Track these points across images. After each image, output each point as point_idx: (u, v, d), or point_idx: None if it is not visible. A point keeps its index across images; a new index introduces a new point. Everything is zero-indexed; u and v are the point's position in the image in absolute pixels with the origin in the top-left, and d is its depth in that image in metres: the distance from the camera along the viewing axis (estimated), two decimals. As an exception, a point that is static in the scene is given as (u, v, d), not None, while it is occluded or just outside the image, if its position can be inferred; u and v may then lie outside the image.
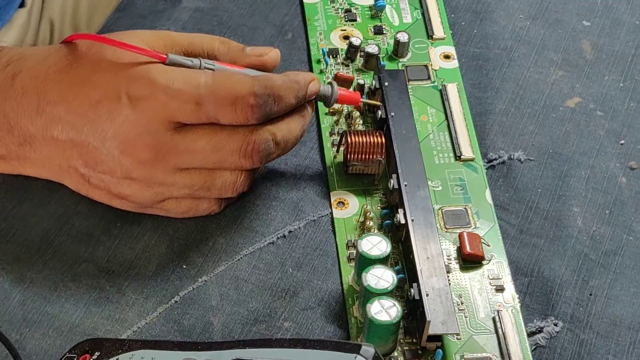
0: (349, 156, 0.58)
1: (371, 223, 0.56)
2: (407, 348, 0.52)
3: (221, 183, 0.55)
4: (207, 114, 0.53)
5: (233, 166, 0.55)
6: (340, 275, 0.55)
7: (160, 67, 0.53)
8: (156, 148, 0.53)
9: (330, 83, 0.58)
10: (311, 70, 0.64)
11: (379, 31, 0.66)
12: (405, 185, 0.55)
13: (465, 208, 0.58)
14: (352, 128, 0.61)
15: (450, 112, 0.61)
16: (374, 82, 0.61)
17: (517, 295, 0.54)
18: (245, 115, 0.53)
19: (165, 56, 0.54)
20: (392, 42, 0.64)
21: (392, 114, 0.58)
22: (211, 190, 0.55)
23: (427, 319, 0.50)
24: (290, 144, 0.56)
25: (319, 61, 0.64)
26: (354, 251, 0.55)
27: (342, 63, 0.64)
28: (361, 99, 0.59)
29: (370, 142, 0.57)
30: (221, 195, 0.56)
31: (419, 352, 0.52)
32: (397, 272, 0.53)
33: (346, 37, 0.65)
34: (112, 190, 0.55)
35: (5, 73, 0.54)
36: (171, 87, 0.52)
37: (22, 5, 0.69)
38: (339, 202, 0.58)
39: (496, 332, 0.53)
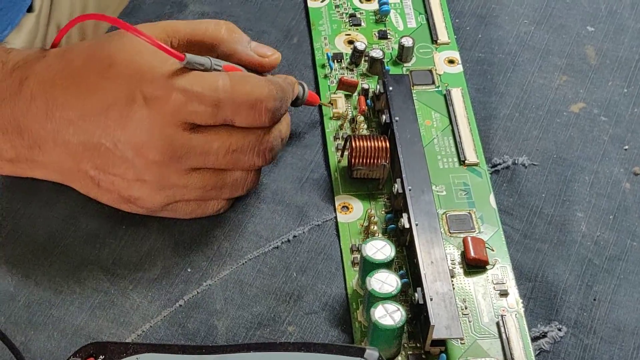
0: (353, 160, 0.58)
1: (375, 227, 0.57)
2: (411, 352, 0.52)
3: (232, 182, 0.56)
4: (224, 116, 0.53)
5: (246, 165, 0.55)
6: (345, 280, 0.55)
7: (176, 69, 0.53)
8: (171, 149, 0.53)
9: (301, 84, 0.60)
10: (316, 75, 0.64)
11: (383, 36, 0.66)
12: (410, 190, 0.55)
13: (469, 213, 0.58)
14: (357, 132, 0.61)
15: (455, 116, 0.62)
16: (378, 86, 0.61)
17: (521, 300, 0.54)
18: (262, 118, 0.54)
19: (183, 55, 0.53)
20: (396, 46, 0.65)
21: (397, 118, 0.58)
22: (223, 189, 0.56)
23: (431, 324, 0.50)
24: (287, 139, 0.58)
25: (323, 66, 0.64)
26: (358, 255, 0.55)
27: (347, 67, 0.64)
28: (320, 101, 0.62)
29: (374, 146, 0.58)
30: (232, 194, 0.56)
31: (423, 356, 0.52)
32: (401, 277, 0.53)
33: (351, 42, 0.65)
34: (122, 194, 0.55)
35: (12, 78, 0.54)
36: (190, 90, 0.52)
37: (30, 10, 0.69)
38: (344, 207, 0.58)
39: (500, 336, 0.53)
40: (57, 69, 0.54)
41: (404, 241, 0.56)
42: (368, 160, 0.58)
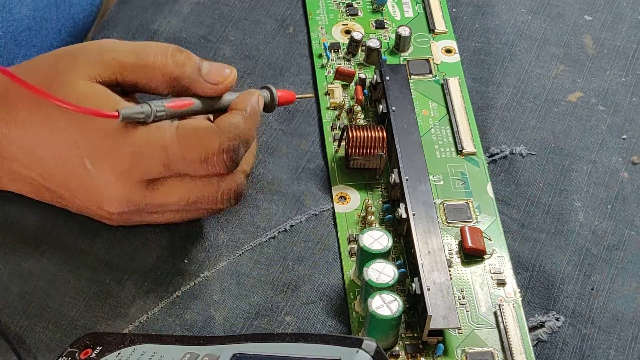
0: (350, 150, 0.58)
1: (373, 217, 0.56)
2: (408, 342, 0.52)
3: (199, 214, 0.55)
4: (178, 171, 0.51)
5: (208, 212, 0.54)
6: (342, 270, 0.55)
7: (120, 130, 0.50)
8: (128, 205, 0.52)
9: (266, 87, 0.56)
10: (313, 65, 0.64)
11: (380, 25, 0.65)
12: (407, 180, 0.55)
13: (466, 202, 0.57)
14: (354, 122, 0.60)
15: (452, 106, 0.61)
16: (375, 76, 0.61)
17: (519, 290, 0.54)
18: (217, 169, 0.51)
19: (117, 114, 0.50)
20: (393, 36, 0.64)
21: (394, 108, 0.58)
22: (192, 215, 0.55)
23: (429, 314, 0.50)
24: (254, 164, 0.55)
25: (320, 55, 0.64)
26: (355, 246, 0.55)
27: (344, 57, 0.64)
28: (296, 96, 0.58)
29: (371, 136, 0.57)
30: (202, 217, 0.56)
31: (420, 346, 0.52)
32: (399, 267, 0.53)
33: (347, 32, 0.65)
34: (92, 217, 0.55)
35: None
36: (137, 152, 0.50)
37: None
38: (341, 197, 0.58)
39: (497, 326, 0.53)
40: (4, 119, 0.52)
41: (401, 231, 0.56)
42: (365, 150, 0.58)
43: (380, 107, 0.59)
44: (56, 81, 0.51)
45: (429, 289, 0.51)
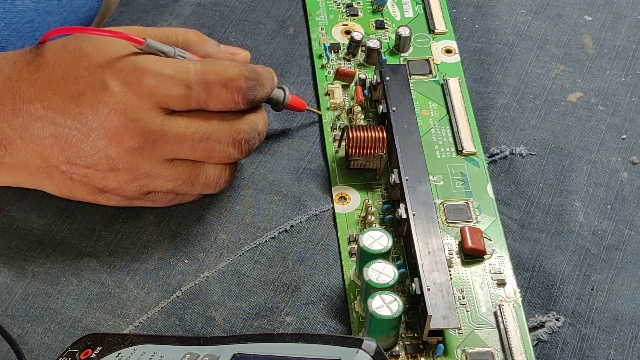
0: (350, 151, 0.58)
1: (373, 218, 0.56)
2: (408, 343, 0.52)
3: (204, 179, 0.55)
4: (198, 98, 0.53)
5: (221, 156, 0.54)
6: (342, 270, 0.55)
7: (145, 57, 0.53)
8: (145, 135, 0.52)
9: (281, 87, 0.59)
10: (313, 66, 0.64)
11: (380, 26, 0.66)
12: (407, 180, 0.55)
13: (466, 203, 0.58)
14: (354, 123, 0.61)
15: (452, 106, 0.61)
16: (375, 76, 0.61)
17: (519, 290, 0.54)
18: (235, 98, 0.54)
19: (143, 40, 0.53)
20: (393, 36, 0.64)
21: (394, 108, 0.58)
22: (194, 185, 0.55)
23: (429, 314, 0.50)
24: (263, 137, 0.56)
25: (320, 56, 0.64)
26: (355, 246, 0.55)
27: (344, 58, 0.64)
28: (306, 107, 0.60)
29: (371, 136, 0.57)
30: (203, 191, 0.56)
31: (421, 346, 0.52)
32: (399, 267, 0.53)
33: (347, 32, 0.65)
34: (96, 185, 0.54)
35: None
36: (161, 73, 0.52)
37: None
38: (341, 197, 0.58)
39: (498, 326, 0.53)
40: (24, 63, 0.53)
41: (401, 231, 0.56)
42: (365, 151, 0.58)
43: (380, 107, 0.59)
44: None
45: (429, 289, 0.51)
